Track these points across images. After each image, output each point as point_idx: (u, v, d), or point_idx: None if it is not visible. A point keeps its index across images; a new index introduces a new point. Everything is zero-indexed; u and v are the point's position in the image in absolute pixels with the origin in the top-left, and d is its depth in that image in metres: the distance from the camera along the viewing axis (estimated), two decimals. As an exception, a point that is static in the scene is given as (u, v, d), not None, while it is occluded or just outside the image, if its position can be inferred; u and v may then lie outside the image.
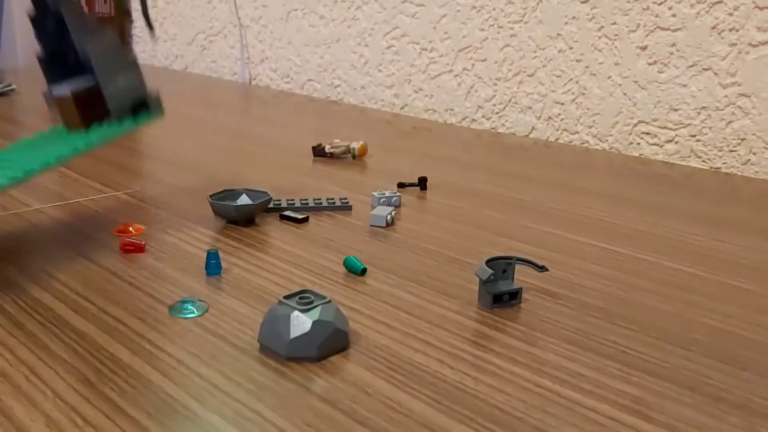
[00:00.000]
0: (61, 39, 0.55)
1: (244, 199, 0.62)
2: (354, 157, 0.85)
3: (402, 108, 1.27)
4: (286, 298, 0.40)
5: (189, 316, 0.44)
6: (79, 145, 0.54)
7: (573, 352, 0.41)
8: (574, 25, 1.01)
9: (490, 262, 0.47)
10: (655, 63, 0.94)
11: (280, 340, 0.39)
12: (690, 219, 0.66)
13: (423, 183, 0.73)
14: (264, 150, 0.89)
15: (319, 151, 0.86)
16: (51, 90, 0.56)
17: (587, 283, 0.51)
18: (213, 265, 0.50)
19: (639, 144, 0.97)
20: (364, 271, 0.51)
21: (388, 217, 0.61)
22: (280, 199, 0.66)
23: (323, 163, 0.83)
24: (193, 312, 0.44)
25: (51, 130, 0.60)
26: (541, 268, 0.48)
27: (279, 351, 0.39)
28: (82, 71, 0.56)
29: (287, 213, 0.62)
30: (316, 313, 0.39)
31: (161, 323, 0.43)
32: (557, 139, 1.06)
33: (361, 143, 0.86)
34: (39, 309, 0.44)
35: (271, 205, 0.64)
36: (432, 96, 1.22)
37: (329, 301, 0.40)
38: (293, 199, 0.66)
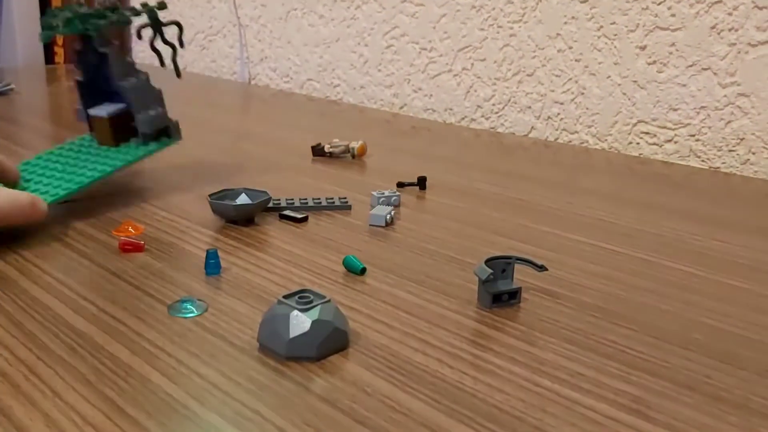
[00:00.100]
0: (100, 70, 0.66)
1: (243, 199, 0.62)
2: (353, 156, 0.85)
3: (401, 108, 1.27)
4: (286, 297, 0.40)
5: (188, 315, 0.44)
6: (117, 163, 0.64)
7: (572, 351, 0.41)
8: (574, 25, 1.01)
9: (490, 262, 0.47)
10: (654, 63, 0.94)
11: (280, 339, 0.39)
12: (689, 218, 0.66)
13: (422, 182, 0.73)
14: (263, 149, 0.89)
15: (318, 151, 0.86)
16: (86, 109, 0.67)
17: (586, 283, 0.51)
18: (212, 265, 0.50)
19: (638, 144, 0.97)
20: (363, 271, 0.51)
21: (388, 217, 0.61)
22: (279, 199, 0.66)
23: (322, 163, 0.83)
24: (192, 311, 0.44)
25: (80, 139, 0.70)
26: (541, 268, 0.48)
27: (278, 350, 0.39)
28: (114, 97, 0.67)
29: (286, 212, 0.62)
30: (315, 313, 0.39)
31: (160, 323, 0.43)
32: (556, 138, 1.06)
33: (360, 143, 0.86)
34: (38, 308, 0.44)
35: (270, 204, 0.64)
36: (431, 96, 1.22)
37: (328, 301, 0.40)
38: (292, 199, 0.66)
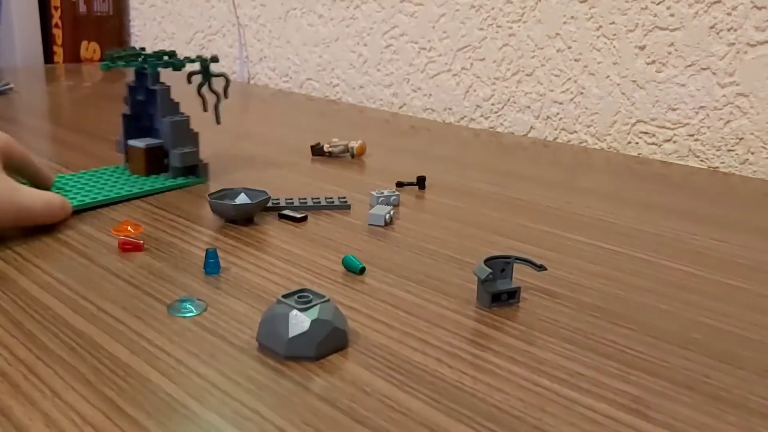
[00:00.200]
0: (146, 106, 0.73)
1: (242, 198, 0.62)
2: (352, 156, 0.85)
3: (400, 107, 1.27)
4: (285, 297, 0.40)
5: (187, 315, 0.44)
6: (144, 188, 0.69)
7: (571, 351, 0.41)
8: (573, 25, 1.01)
9: (489, 261, 0.47)
10: (653, 62, 0.94)
11: (279, 339, 0.39)
12: (688, 218, 0.66)
13: (421, 182, 0.73)
14: (262, 149, 0.89)
15: (317, 150, 0.86)
16: (127, 140, 0.73)
17: (585, 283, 0.51)
18: (211, 264, 0.50)
19: (637, 143, 0.97)
20: (362, 270, 0.51)
21: (387, 216, 0.61)
22: (278, 198, 0.66)
23: (322, 163, 0.83)
24: (191, 311, 0.44)
25: (114, 167, 0.77)
26: (540, 268, 0.48)
27: (277, 350, 0.39)
28: (153, 133, 0.74)
29: (286, 212, 0.62)
30: (314, 312, 0.39)
31: (160, 322, 0.43)
32: (555, 138, 1.06)
33: (359, 142, 0.86)
34: (37, 308, 0.44)
35: (269, 204, 0.64)
36: (430, 95, 1.22)
37: (328, 300, 0.40)
38: (292, 198, 0.66)
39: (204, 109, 0.75)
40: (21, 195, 0.54)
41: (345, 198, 0.67)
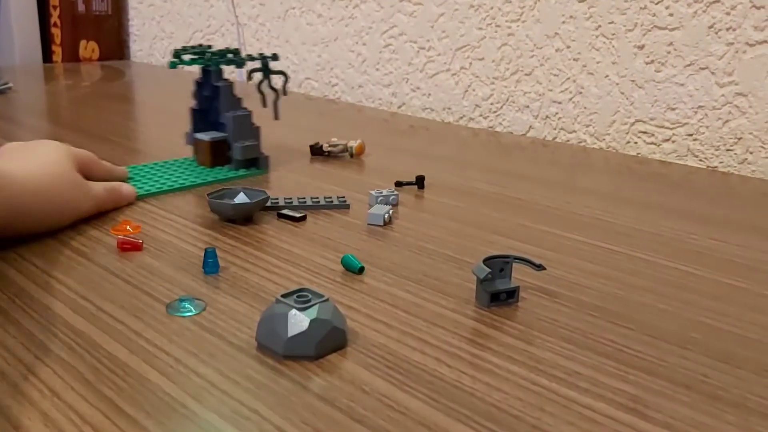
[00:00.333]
0: (212, 102, 0.77)
1: (241, 198, 0.62)
2: (351, 155, 0.85)
3: (399, 107, 1.27)
4: (284, 296, 0.41)
5: (187, 314, 0.44)
6: (208, 179, 0.73)
7: (570, 350, 0.41)
8: (572, 24, 1.01)
9: (488, 261, 0.47)
10: (652, 62, 0.94)
11: (278, 338, 0.39)
12: (687, 218, 0.66)
13: (420, 182, 0.73)
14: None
15: (316, 150, 0.86)
16: (194, 134, 0.77)
17: (584, 282, 0.51)
18: (210, 264, 0.50)
19: (636, 143, 0.97)
20: (361, 270, 0.51)
21: (386, 216, 0.61)
22: (277, 198, 0.66)
23: (321, 162, 0.83)
24: (190, 310, 0.44)
25: (183, 159, 0.81)
26: (539, 267, 0.48)
27: (276, 349, 0.39)
28: (218, 127, 0.77)
29: (285, 211, 0.62)
30: (313, 312, 0.39)
31: (159, 322, 0.43)
32: (554, 138, 1.06)
33: (358, 142, 0.86)
34: (36, 307, 0.44)
35: (268, 203, 0.64)
36: (429, 95, 1.22)
37: (327, 300, 0.40)
38: (291, 198, 0.66)
39: (263, 105, 0.79)
40: (94, 188, 0.61)
41: (344, 197, 0.67)
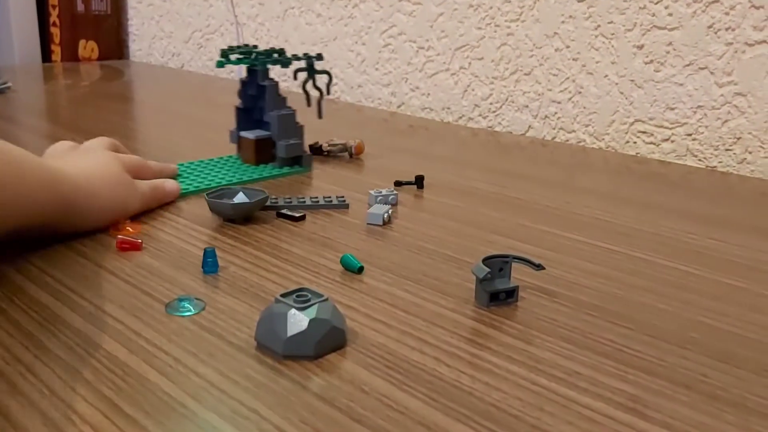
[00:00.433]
0: (257, 101, 0.78)
1: (241, 198, 0.62)
2: (351, 155, 0.85)
3: (399, 106, 1.27)
4: (283, 296, 0.40)
5: (186, 314, 0.44)
6: (253, 176, 0.74)
7: (569, 350, 0.41)
8: (571, 24, 1.01)
9: (487, 261, 0.47)
10: (651, 62, 0.94)
11: (277, 338, 0.39)
12: (686, 218, 0.66)
13: (420, 181, 0.73)
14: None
15: (315, 150, 0.86)
16: (239, 132, 0.78)
17: (583, 282, 0.51)
18: (210, 263, 0.50)
19: (635, 143, 0.97)
20: (361, 270, 0.51)
21: (385, 216, 0.61)
22: (277, 198, 0.66)
23: (320, 162, 0.83)
24: (189, 310, 0.44)
25: (228, 156, 0.82)
26: (538, 267, 0.48)
27: (276, 349, 0.39)
28: (263, 125, 0.78)
29: (284, 211, 0.62)
30: (313, 311, 0.39)
31: (158, 321, 0.43)
32: (554, 137, 1.06)
33: (357, 141, 0.86)
34: (35, 307, 0.44)
35: (268, 203, 0.64)
36: (429, 94, 1.22)
37: (326, 299, 0.40)
38: (290, 198, 0.66)
39: (308, 104, 0.80)
40: (141, 186, 0.62)
41: (343, 197, 0.67)
